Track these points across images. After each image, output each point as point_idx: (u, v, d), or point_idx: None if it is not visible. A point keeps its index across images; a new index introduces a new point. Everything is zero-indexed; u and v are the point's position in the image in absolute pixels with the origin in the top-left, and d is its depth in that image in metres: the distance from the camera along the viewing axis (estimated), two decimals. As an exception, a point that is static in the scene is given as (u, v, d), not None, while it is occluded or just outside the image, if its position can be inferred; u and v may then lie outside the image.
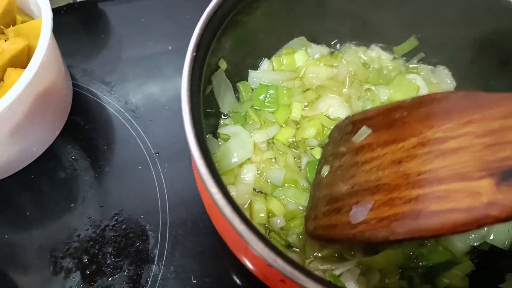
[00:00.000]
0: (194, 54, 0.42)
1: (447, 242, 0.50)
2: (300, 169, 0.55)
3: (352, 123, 0.51)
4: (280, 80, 0.59)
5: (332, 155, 0.51)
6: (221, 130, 0.55)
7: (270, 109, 0.58)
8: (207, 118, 0.53)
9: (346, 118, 0.53)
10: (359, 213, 0.41)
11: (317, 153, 0.55)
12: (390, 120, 0.46)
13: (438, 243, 0.51)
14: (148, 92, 0.64)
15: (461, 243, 0.51)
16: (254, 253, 0.36)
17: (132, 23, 0.71)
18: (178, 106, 0.61)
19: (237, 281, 0.52)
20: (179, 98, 0.62)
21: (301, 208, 0.52)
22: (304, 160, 0.55)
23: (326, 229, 0.45)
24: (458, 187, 0.35)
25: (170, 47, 0.68)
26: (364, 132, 0.47)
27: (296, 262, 0.35)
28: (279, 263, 0.34)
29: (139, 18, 0.72)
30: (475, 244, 0.51)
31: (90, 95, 0.63)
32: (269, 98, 0.58)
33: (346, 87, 0.60)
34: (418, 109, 0.44)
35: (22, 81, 0.45)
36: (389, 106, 0.48)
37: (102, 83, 0.65)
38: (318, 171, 0.53)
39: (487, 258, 0.51)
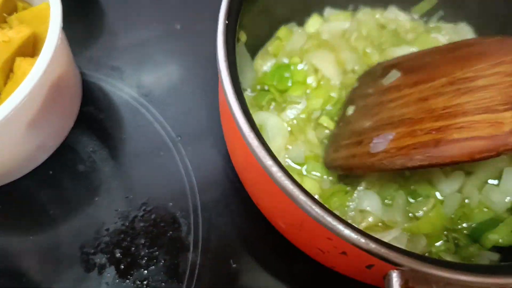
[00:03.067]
0: (227, 22, 0.39)
1: (488, 199, 0.49)
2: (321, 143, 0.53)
3: (383, 68, 0.51)
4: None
5: (359, 96, 0.51)
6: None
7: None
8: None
9: (378, 64, 0.53)
10: (380, 144, 0.42)
11: (325, 121, 0.53)
12: (421, 64, 0.46)
13: (479, 203, 0.50)
14: (160, 74, 0.61)
15: (502, 199, 0.49)
16: (312, 225, 0.34)
17: (131, 3, 0.67)
18: (193, 87, 0.60)
19: (282, 260, 0.50)
20: (194, 78, 0.60)
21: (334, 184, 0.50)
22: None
23: (345, 159, 0.46)
24: (481, 118, 0.36)
25: (178, 27, 0.64)
26: (393, 75, 0.48)
27: (359, 228, 0.33)
28: (344, 231, 0.32)
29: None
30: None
31: (99, 83, 0.60)
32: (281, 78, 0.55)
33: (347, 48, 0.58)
34: (452, 53, 0.44)
35: (36, 71, 0.42)
36: (422, 51, 0.49)
37: (110, 69, 0.61)
38: (342, 112, 0.52)
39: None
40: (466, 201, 0.50)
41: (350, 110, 0.50)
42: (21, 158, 0.49)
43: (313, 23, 0.60)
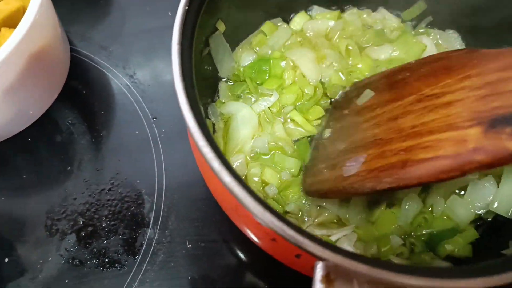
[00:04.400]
0: (187, 7, 0.40)
1: (451, 210, 0.49)
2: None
3: (358, 88, 0.51)
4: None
5: (335, 119, 0.51)
6: (222, 110, 0.54)
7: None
8: (204, 80, 0.51)
9: (353, 84, 0.53)
10: (352, 167, 0.41)
11: (295, 115, 0.53)
12: (393, 82, 0.46)
13: (443, 212, 0.49)
14: (147, 59, 0.63)
15: (465, 211, 0.49)
16: (244, 210, 0.35)
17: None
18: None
19: (233, 246, 0.51)
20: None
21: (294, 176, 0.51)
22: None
23: (320, 184, 0.45)
24: (446, 136, 0.35)
25: (170, 13, 0.66)
26: (367, 94, 0.48)
27: (285, 218, 0.34)
28: (268, 218, 0.33)
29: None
30: (479, 212, 0.49)
31: (88, 60, 0.62)
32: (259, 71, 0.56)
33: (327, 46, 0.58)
34: (420, 69, 0.44)
35: (13, 39, 0.44)
36: (393, 69, 0.49)
37: (100, 48, 0.64)
38: (318, 136, 0.52)
39: (491, 227, 0.49)
40: (430, 208, 0.50)
41: (327, 133, 0.50)
42: (0, 123, 0.51)
43: (299, 20, 0.60)
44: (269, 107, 0.54)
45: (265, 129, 0.53)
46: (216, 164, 0.34)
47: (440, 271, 0.34)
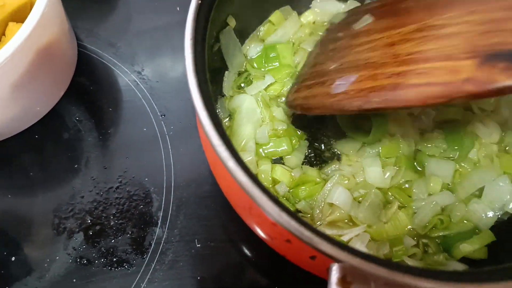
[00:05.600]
0: (200, 1, 0.39)
1: (473, 214, 0.48)
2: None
3: (356, 13, 0.51)
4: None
5: (328, 40, 0.52)
6: (229, 106, 0.53)
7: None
8: (214, 75, 0.51)
9: (352, 10, 0.54)
10: (342, 85, 0.42)
11: None
12: (395, 10, 0.46)
13: (463, 216, 0.48)
14: (155, 55, 0.62)
15: (486, 214, 0.48)
16: (258, 210, 0.34)
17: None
18: (184, 73, 0.60)
19: (242, 246, 0.50)
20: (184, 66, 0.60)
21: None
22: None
23: (305, 99, 0.46)
24: (441, 65, 0.36)
25: (178, 8, 0.65)
26: (366, 20, 0.48)
27: (301, 219, 0.33)
28: (284, 218, 0.32)
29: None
30: (497, 214, 0.48)
31: (96, 56, 0.61)
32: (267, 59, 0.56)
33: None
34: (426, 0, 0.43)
35: (21, 33, 0.43)
36: None
37: (108, 44, 0.63)
38: (308, 55, 0.53)
39: (507, 228, 0.48)
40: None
41: (316, 50, 0.52)
42: (7, 119, 0.51)
43: (309, 13, 0.59)
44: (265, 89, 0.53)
45: (265, 117, 0.52)
46: (231, 163, 0.33)
47: (460, 275, 0.33)
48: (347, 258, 0.32)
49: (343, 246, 0.32)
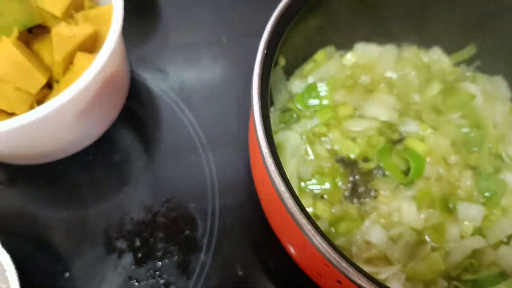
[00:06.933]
0: (265, 52, 0.43)
1: (500, 259, 0.51)
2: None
3: None
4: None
5: None
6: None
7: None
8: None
9: None
10: None
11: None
12: None
13: (492, 261, 0.51)
14: (202, 81, 0.65)
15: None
16: (311, 250, 0.37)
17: (183, 10, 0.72)
18: (229, 97, 0.64)
19: (285, 277, 0.53)
20: (231, 90, 0.64)
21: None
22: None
23: None
24: None
25: (224, 39, 0.69)
26: None
27: (354, 262, 0.36)
28: (337, 260, 0.35)
29: (191, 6, 0.72)
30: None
31: (145, 82, 0.65)
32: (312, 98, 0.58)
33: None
34: None
35: (94, 67, 0.47)
36: None
37: (156, 69, 0.66)
38: None
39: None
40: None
41: None
42: (67, 143, 0.54)
43: (351, 55, 0.62)
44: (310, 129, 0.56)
45: (309, 153, 0.55)
46: (296, 209, 0.36)
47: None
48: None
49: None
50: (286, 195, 0.36)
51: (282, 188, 0.36)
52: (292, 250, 0.46)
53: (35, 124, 0.45)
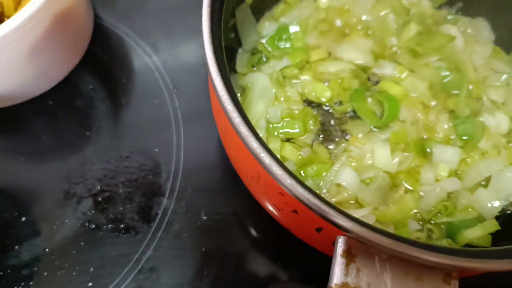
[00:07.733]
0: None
1: (478, 203, 0.48)
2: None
3: None
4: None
5: None
6: (242, 82, 0.53)
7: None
8: (228, 52, 0.51)
9: None
10: None
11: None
12: None
13: (467, 204, 0.49)
14: (170, 27, 0.62)
15: (492, 204, 0.48)
16: (266, 178, 0.34)
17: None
18: (198, 46, 0.61)
19: (248, 220, 0.51)
20: (199, 33, 0.61)
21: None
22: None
23: None
24: None
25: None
26: None
27: (308, 187, 0.33)
28: (293, 185, 0.32)
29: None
30: (503, 203, 0.48)
31: (111, 27, 0.62)
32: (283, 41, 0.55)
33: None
34: None
35: (39, -2, 0.44)
36: None
37: (123, 16, 0.63)
38: None
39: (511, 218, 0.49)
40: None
41: None
42: (22, 84, 0.51)
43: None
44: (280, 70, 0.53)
45: (279, 97, 0.52)
46: (243, 129, 0.33)
47: (466, 251, 0.33)
48: (354, 227, 0.32)
49: (351, 216, 0.33)
50: (235, 116, 0.34)
51: (229, 106, 0.34)
52: (251, 186, 0.44)
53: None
